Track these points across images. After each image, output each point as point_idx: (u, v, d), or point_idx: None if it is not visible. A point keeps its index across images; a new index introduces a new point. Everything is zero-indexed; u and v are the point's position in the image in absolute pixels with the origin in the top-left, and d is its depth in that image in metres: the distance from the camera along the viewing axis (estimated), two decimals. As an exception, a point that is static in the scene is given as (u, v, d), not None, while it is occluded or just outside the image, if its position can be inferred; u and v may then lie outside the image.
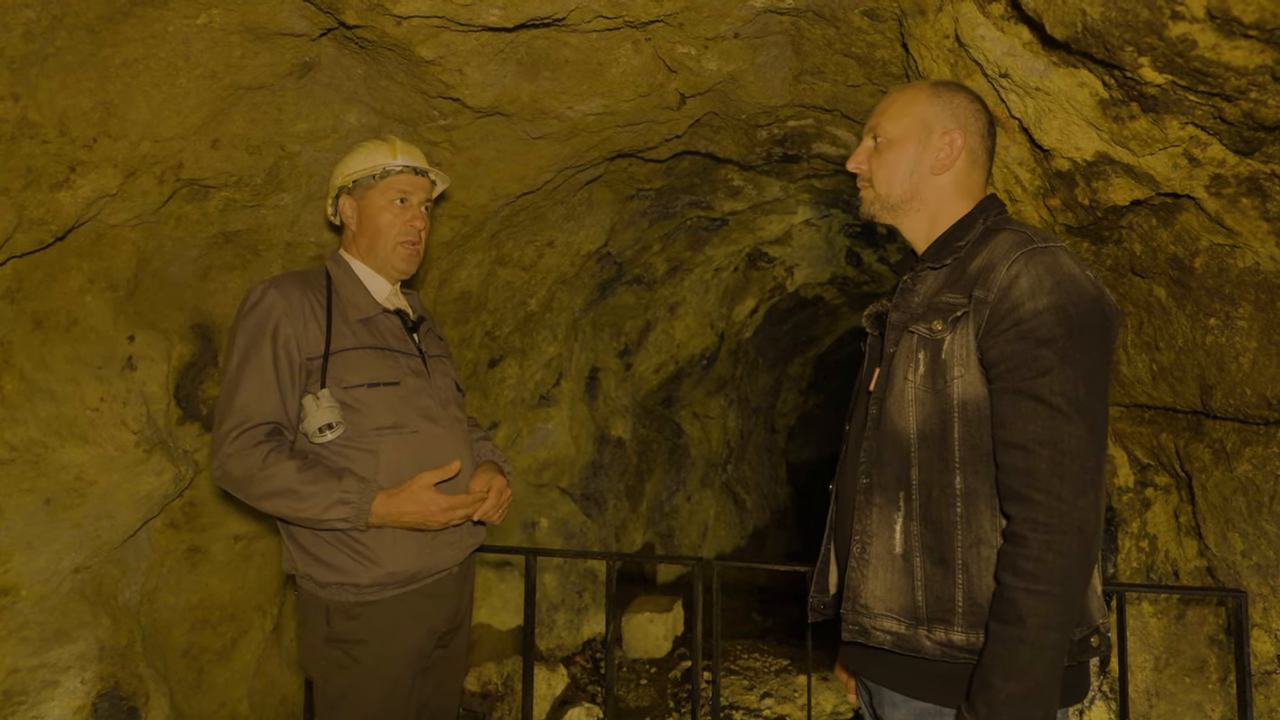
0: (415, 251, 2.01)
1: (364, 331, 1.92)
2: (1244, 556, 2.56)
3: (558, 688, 4.31)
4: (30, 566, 2.37)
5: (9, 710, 2.33)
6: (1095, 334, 1.26)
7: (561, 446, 5.24)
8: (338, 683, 1.81)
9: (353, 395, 1.83)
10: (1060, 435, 1.22)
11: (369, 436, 1.83)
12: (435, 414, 1.94)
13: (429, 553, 1.88)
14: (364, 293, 1.97)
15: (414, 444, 1.88)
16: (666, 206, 4.65)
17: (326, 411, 1.78)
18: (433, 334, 2.15)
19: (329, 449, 1.81)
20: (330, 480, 1.75)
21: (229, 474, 1.77)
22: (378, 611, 1.83)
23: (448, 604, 1.96)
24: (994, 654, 1.22)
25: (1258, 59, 1.67)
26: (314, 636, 1.84)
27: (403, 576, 1.84)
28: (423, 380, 1.96)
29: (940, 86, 1.51)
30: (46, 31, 2.03)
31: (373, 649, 1.81)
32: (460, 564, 2.00)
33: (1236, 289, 2.29)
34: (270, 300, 1.84)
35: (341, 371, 1.84)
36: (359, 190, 2.00)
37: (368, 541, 1.81)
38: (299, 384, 1.83)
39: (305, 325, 1.85)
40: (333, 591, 1.81)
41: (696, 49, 2.88)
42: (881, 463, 1.40)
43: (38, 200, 2.20)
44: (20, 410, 2.30)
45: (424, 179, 2.04)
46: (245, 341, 1.82)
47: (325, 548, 1.82)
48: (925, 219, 1.50)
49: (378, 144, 2.03)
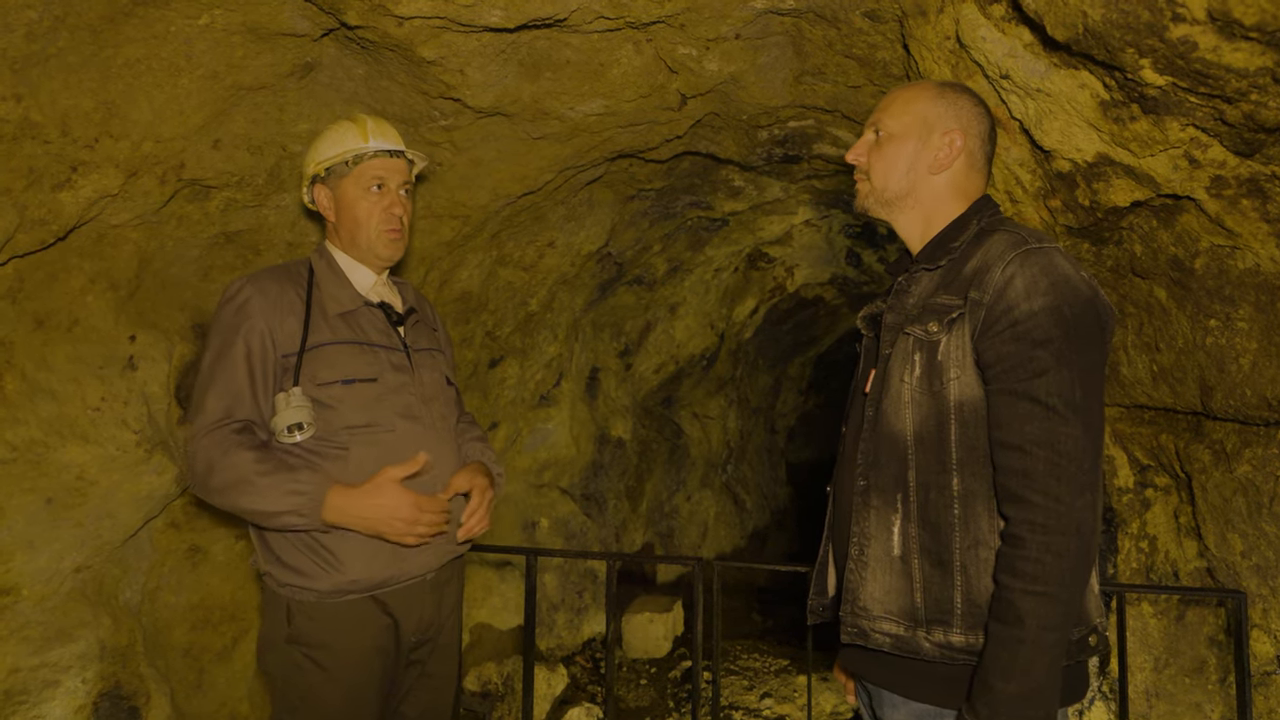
0: (399, 237, 1.91)
1: (343, 326, 1.84)
2: (1244, 557, 2.56)
3: (558, 687, 4.31)
4: (31, 566, 2.37)
5: (10, 710, 2.33)
6: (1090, 335, 1.27)
7: (562, 447, 5.24)
8: (296, 685, 1.72)
9: (326, 392, 1.75)
10: (1057, 436, 1.22)
11: (340, 435, 1.74)
12: (416, 412, 1.85)
13: (400, 559, 1.76)
14: (345, 285, 1.89)
15: (388, 444, 1.78)
16: (667, 207, 4.65)
17: (296, 410, 1.70)
18: (424, 326, 2.05)
19: (300, 449, 1.73)
20: (284, 472, 1.66)
21: (194, 470, 1.70)
22: (340, 613, 1.73)
23: (419, 613, 1.84)
24: (994, 655, 1.22)
25: (1258, 61, 1.68)
26: (274, 634, 1.76)
27: (367, 584, 1.73)
28: (405, 376, 1.86)
29: (945, 87, 1.51)
30: (49, 32, 2.03)
31: (334, 653, 1.72)
32: (436, 570, 1.86)
33: (1237, 290, 2.29)
34: (246, 296, 1.77)
35: (316, 368, 1.76)
36: (332, 179, 1.89)
37: (330, 545, 1.71)
38: (273, 382, 1.76)
39: (282, 321, 1.77)
40: (292, 591, 1.73)
41: (697, 50, 2.88)
42: (879, 465, 1.40)
43: (39, 200, 2.20)
44: (21, 410, 2.30)
45: (400, 160, 1.93)
46: (220, 339, 1.76)
47: (287, 548, 1.73)
48: (920, 218, 1.51)
49: (347, 125, 1.91)
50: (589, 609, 5.26)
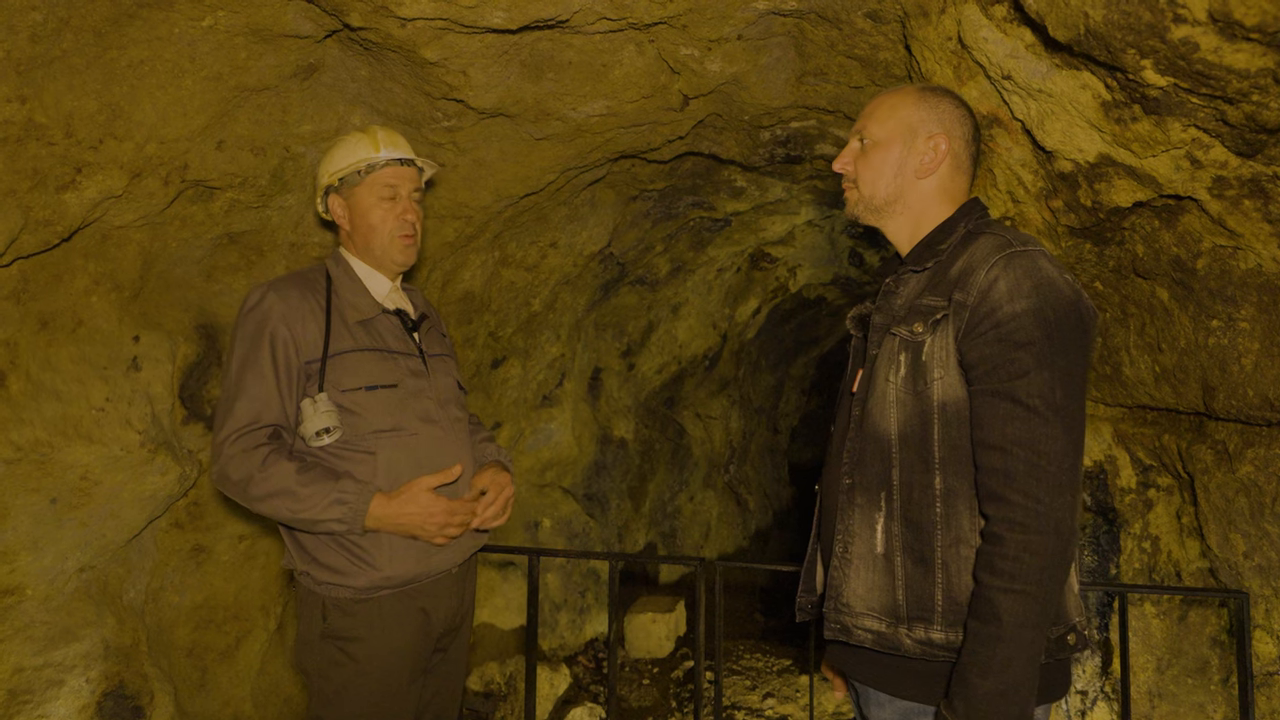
0: (412, 242, 1.99)
1: (363, 333, 1.91)
2: (1246, 558, 2.56)
3: (560, 687, 4.32)
4: (36, 566, 2.38)
5: (15, 709, 2.34)
6: (1072, 337, 1.28)
7: (564, 447, 5.25)
8: (333, 679, 1.80)
9: (350, 399, 1.82)
10: (1037, 437, 1.24)
11: (367, 439, 1.82)
12: (434, 415, 1.93)
13: (427, 556, 1.87)
14: (364, 293, 1.96)
15: (412, 446, 1.87)
16: (669, 207, 4.65)
17: (324, 416, 1.77)
18: (435, 332, 2.13)
19: (327, 453, 1.81)
20: (328, 481, 1.74)
21: (228, 477, 1.76)
22: (374, 608, 1.82)
23: (447, 604, 1.95)
24: (972, 652, 1.24)
25: (1259, 62, 1.68)
26: (310, 632, 1.83)
27: (399, 580, 1.83)
28: (422, 381, 1.94)
29: (927, 91, 1.53)
30: (53, 34, 2.04)
31: (368, 646, 1.80)
32: (460, 565, 1.98)
33: (1239, 291, 2.29)
34: (269, 303, 1.83)
35: (339, 375, 1.83)
36: (346, 188, 1.96)
37: (365, 545, 1.80)
38: (298, 387, 1.82)
39: (304, 328, 1.84)
40: (329, 589, 1.81)
41: (699, 51, 2.88)
42: (863, 463, 1.42)
43: (44, 201, 2.21)
44: (26, 410, 2.31)
45: (411, 168, 2.00)
46: (244, 345, 1.81)
47: (323, 549, 1.81)
48: (908, 222, 1.52)
49: (359, 137, 1.98)
50: (592, 609, 5.26)
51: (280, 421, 1.80)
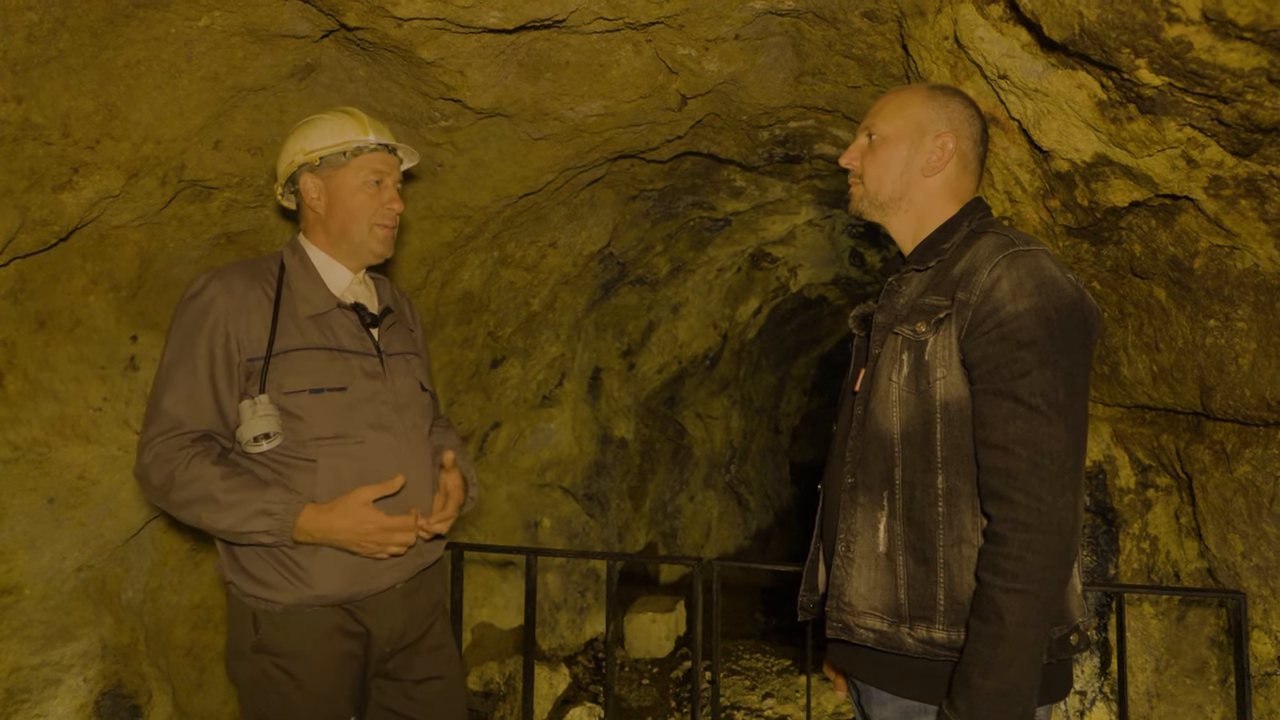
0: (391, 235, 1.85)
1: (313, 330, 1.74)
2: (1244, 558, 2.55)
3: (560, 687, 4.32)
4: (33, 565, 2.38)
5: (12, 708, 2.35)
6: (1075, 336, 1.28)
7: (564, 446, 5.25)
8: (267, 694, 1.67)
9: (293, 401, 1.66)
10: (1039, 436, 1.24)
11: (308, 446, 1.67)
12: (388, 421, 1.77)
13: (367, 573, 1.71)
14: (319, 286, 1.79)
15: (358, 456, 1.71)
16: (669, 207, 4.65)
17: (263, 420, 1.62)
18: (401, 328, 1.96)
19: (265, 460, 1.66)
20: (254, 490, 1.60)
21: (149, 481, 1.63)
22: (309, 622, 1.68)
23: (391, 622, 1.78)
24: (974, 651, 1.24)
25: (1253, 61, 1.67)
26: (241, 642, 1.69)
27: (332, 599, 1.69)
28: (377, 384, 1.78)
29: (936, 90, 1.53)
30: (49, 34, 2.05)
31: (304, 661, 1.67)
32: (406, 581, 1.82)
33: (1236, 290, 2.29)
34: (211, 293, 1.67)
35: (282, 375, 1.67)
36: (326, 169, 1.79)
37: (298, 558, 1.65)
38: (237, 387, 1.67)
39: (248, 322, 1.68)
40: (258, 601, 1.67)
41: (697, 50, 2.88)
42: (866, 462, 1.42)
43: (41, 201, 2.21)
44: (24, 410, 2.32)
45: (394, 157, 1.89)
46: (180, 337, 1.66)
47: (254, 560, 1.67)
48: (913, 220, 1.52)
49: (344, 117, 1.84)
50: (591, 609, 5.26)
51: (211, 426, 1.66)
